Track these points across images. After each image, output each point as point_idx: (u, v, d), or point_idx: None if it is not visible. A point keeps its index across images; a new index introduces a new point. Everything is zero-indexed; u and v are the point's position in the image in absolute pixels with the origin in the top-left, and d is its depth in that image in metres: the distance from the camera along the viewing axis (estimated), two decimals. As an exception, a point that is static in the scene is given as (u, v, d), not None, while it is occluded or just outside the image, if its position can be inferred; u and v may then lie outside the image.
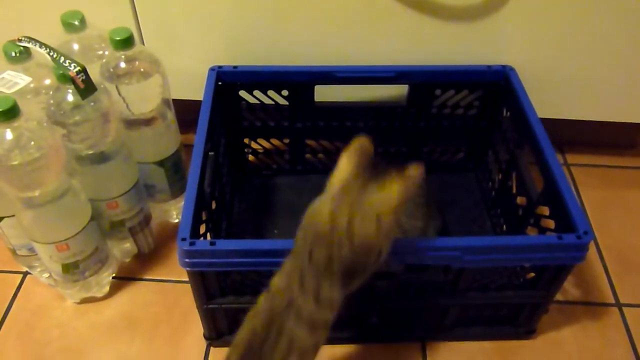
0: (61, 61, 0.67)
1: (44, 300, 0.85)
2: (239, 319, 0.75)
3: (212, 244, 0.63)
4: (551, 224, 0.73)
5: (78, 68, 0.66)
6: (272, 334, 0.53)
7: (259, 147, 0.98)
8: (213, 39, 0.91)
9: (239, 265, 0.65)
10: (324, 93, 0.90)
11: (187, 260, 0.64)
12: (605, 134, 1.08)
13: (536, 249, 0.65)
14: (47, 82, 0.72)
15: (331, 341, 0.78)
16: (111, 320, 0.83)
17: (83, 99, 0.68)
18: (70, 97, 0.69)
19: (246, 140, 0.97)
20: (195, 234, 0.66)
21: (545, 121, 0.80)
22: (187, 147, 0.88)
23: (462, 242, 0.64)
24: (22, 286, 0.87)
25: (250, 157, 1.00)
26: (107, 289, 0.85)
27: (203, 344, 0.80)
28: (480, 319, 0.79)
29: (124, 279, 0.88)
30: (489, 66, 0.88)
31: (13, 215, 0.75)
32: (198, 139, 0.76)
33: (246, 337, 0.55)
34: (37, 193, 0.68)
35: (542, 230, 0.76)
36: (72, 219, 0.74)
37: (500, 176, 0.91)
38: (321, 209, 0.54)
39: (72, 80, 0.66)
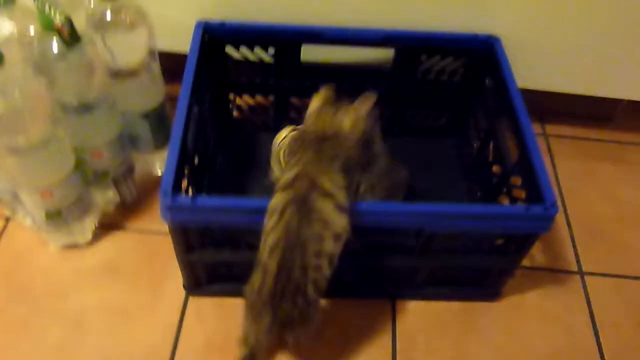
0: (46, 10, 0.66)
1: (27, 245, 0.87)
2: (218, 270, 0.78)
3: (193, 199, 0.65)
4: (522, 194, 0.76)
5: (63, 18, 0.66)
6: (305, 216, 0.62)
7: (244, 103, 0.99)
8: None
9: (218, 221, 0.67)
10: (310, 53, 0.90)
11: (168, 214, 0.66)
12: (585, 107, 1.10)
13: (505, 217, 0.68)
14: (32, 29, 0.71)
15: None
16: (93, 266, 0.86)
17: (68, 48, 0.68)
18: (54, 46, 0.69)
19: (231, 96, 0.98)
20: (177, 188, 0.68)
21: (527, 92, 0.82)
22: (172, 99, 0.88)
23: (432, 208, 0.67)
24: (5, 231, 0.88)
25: (235, 113, 1.01)
26: (89, 235, 0.87)
27: (182, 292, 0.83)
28: (449, 279, 0.82)
29: (107, 227, 0.90)
30: (475, 34, 0.89)
31: (-4, 161, 0.76)
32: (183, 93, 0.76)
33: (281, 235, 0.62)
34: (21, 140, 0.69)
35: (514, 200, 0.79)
36: (56, 167, 0.75)
37: (479, 144, 0.93)
38: (321, 120, 0.70)
39: (57, 31, 0.66)
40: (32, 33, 0.71)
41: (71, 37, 0.68)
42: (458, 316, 0.84)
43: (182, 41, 0.86)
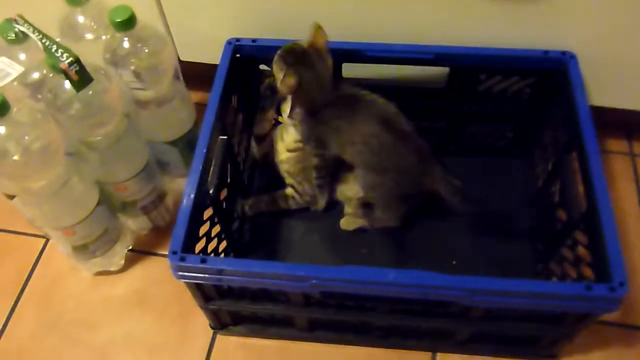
0: (53, 50, 0.62)
1: (62, 268, 0.86)
2: (242, 313, 0.74)
3: (202, 261, 0.60)
4: (588, 255, 0.65)
5: (71, 59, 0.61)
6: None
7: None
8: (235, 6, 0.83)
9: (229, 281, 0.62)
10: (353, 67, 0.81)
11: (179, 273, 0.62)
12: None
13: (559, 297, 0.58)
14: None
15: (338, 341, 0.77)
16: (124, 294, 0.84)
17: (78, 91, 0.63)
18: (67, 86, 0.64)
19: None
20: (189, 245, 0.63)
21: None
22: (204, 106, 0.82)
23: (471, 283, 0.58)
24: (44, 251, 0.88)
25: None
26: (122, 262, 0.85)
27: (209, 330, 0.80)
28: (496, 338, 0.73)
29: (140, 252, 0.87)
30: (545, 51, 0.75)
31: (23, 194, 0.75)
32: (205, 127, 0.70)
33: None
34: (37, 184, 0.67)
35: (578, 259, 0.67)
36: (77, 207, 0.72)
37: (545, 177, 0.81)
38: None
39: (64, 73, 0.62)
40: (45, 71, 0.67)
41: (81, 79, 0.63)
42: (507, 375, 0.75)
43: (215, 52, 0.80)
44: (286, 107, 0.80)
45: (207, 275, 0.61)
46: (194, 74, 0.89)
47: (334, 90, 0.74)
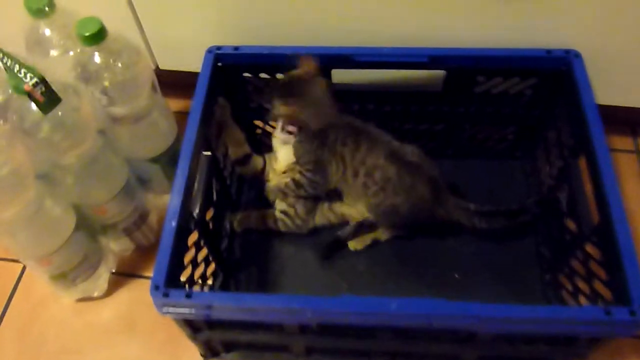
0: (16, 70, 0.56)
1: (42, 294, 0.81)
2: (234, 340, 0.69)
3: (187, 296, 0.56)
4: (602, 272, 0.61)
5: (35, 79, 0.56)
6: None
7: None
8: (216, 12, 0.77)
9: (217, 315, 0.57)
10: (342, 73, 0.76)
11: (163, 308, 0.57)
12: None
13: (575, 322, 0.54)
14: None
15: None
16: (109, 320, 0.79)
17: (45, 113, 0.58)
18: (33, 107, 0.59)
19: (260, 124, 0.86)
20: (173, 277, 0.58)
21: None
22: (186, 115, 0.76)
23: (479, 310, 0.53)
24: (23, 277, 0.83)
25: (258, 131, 0.88)
26: (104, 287, 0.80)
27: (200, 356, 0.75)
28: (507, 358, 0.69)
29: (124, 275, 0.83)
30: (548, 51, 0.71)
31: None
32: (185, 151, 0.65)
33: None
34: (8, 213, 0.61)
35: (590, 274, 0.63)
36: (53, 234, 0.67)
37: (551, 182, 0.76)
38: None
39: (29, 95, 0.56)
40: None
41: (48, 100, 0.57)
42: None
43: (197, 59, 0.74)
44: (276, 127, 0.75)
45: (193, 311, 0.57)
46: (174, 81, 0.84)
47: (336, 111, 0.73)
